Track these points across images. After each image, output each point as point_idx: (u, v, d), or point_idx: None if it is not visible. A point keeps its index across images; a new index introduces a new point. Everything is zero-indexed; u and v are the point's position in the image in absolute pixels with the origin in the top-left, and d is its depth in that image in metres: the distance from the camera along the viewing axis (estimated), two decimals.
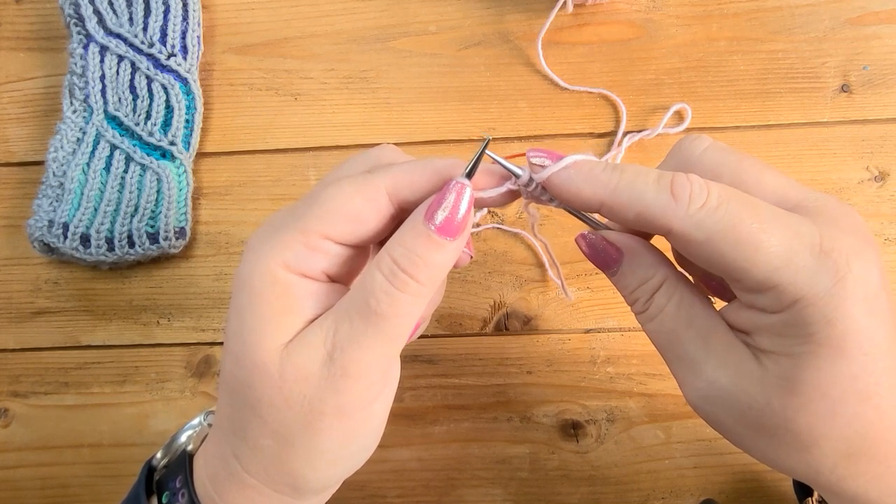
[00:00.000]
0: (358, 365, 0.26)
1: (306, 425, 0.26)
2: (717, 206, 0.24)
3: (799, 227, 0.24)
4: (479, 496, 0.45)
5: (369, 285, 0.26)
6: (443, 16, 0.51)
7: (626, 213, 0.26)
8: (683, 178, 0.25)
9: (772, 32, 0.49)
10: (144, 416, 0.47)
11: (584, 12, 0.50)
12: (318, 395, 0.26)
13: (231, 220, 0.49)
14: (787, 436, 0.25)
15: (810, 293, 0.23)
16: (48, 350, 0.48)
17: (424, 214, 0.26)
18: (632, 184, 0.26)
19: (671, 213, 0.25)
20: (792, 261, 0.24)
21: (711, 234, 0.24)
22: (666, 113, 0.48)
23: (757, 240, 0.24)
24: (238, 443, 0.28)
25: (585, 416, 0.45)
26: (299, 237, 0.26)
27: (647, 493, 0.45)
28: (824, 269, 0.24)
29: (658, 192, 0.25)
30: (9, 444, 0.47)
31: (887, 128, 0.48)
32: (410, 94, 0.50)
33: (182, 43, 0.50)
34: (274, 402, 0.26)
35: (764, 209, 0.25)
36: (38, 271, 0.49)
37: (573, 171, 0.27)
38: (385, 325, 0.26)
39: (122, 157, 0.48)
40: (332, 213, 0.26)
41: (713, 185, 0.25)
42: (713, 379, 0.26)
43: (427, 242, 0.26)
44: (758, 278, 0.24)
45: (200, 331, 0.48)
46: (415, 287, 0.26)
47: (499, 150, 0.49)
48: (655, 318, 0.28)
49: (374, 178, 0.27)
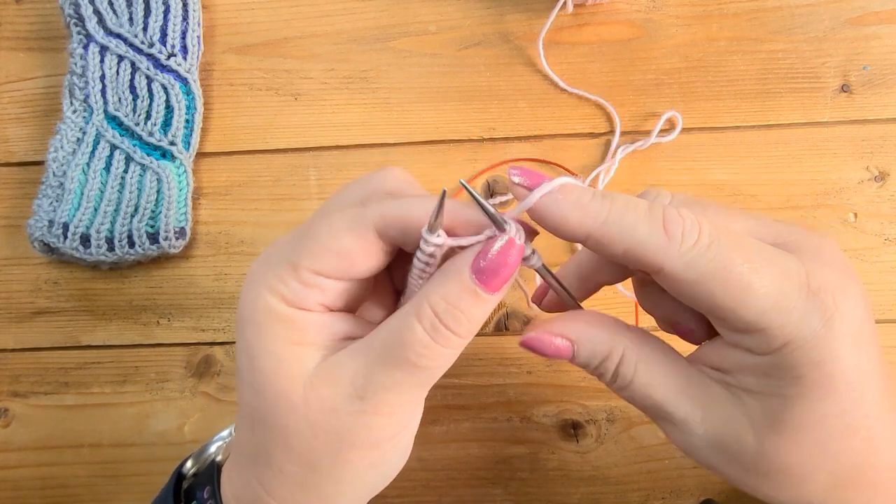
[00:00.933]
0: (390, 406, 0.26)
1: (335, 454, 0.26)
2: (709, 245, 0.24)
3: (787, 264, 0.24)
4: (479, 496, 0.45)
5: (408, 337, 0.25)
6: (443, 16, 0.51)
7: (614, 248, 0.25)
8: (675, 213, 0.24)
9: (772, 32, 0.49)
10: (144, 416, 0.47)
11: (584, 12, 0.50)
12: (347, 428, 0.26)
13: (231, 220, 0.49)
14: (778, 474, 0.25)
15: (799, 336, 0.23)
16: (48, 350, 0.48)
17: (471, 268, 0.25)
18: (622, 217, 0.24)
19: (663, 253, 0.24)
20: (781, 303, 0.23)
21: (702, 274, 0.24)
22: (658, 121, 0.48)
23: (747, 281, 0.23)
24: (262, 469, 0.28)
25: (585, 416, 0.45)
26: (292, 273, 0.26)
27: (647, 493, 0.45)
28: (813, 309, 0.23)
29: (650, 229, 0.24)
30: (9, 444, 0.47)
31: (887, 128, 0.48)
32: (410, 94, 0.50)
33: (182, 43, 0.50)
34: (300, 430, 0.26)
35: (752, 247, 0.24)
36: (38, 271, 0.49)
37: (560, 197, 0.25)
38: (423, 375, 0.26)
39: (122, 157, 0.48)
40: (322, 250, 0.26)
41: (703, 221, 0.24)
42: (700, 432, 0.26)
43: (472, 298, 0.25)
44: (746, 320, 0.24)
45: (200, 331, 0.48)
46: (456, 341, 0.26)
47: (499, 149, 0.49)
48: (626, 388, 0.27)
49: (364, 216, 0.26)
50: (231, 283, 0.48)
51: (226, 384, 0.47)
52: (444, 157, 0.49)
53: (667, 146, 0.48)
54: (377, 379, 0.26)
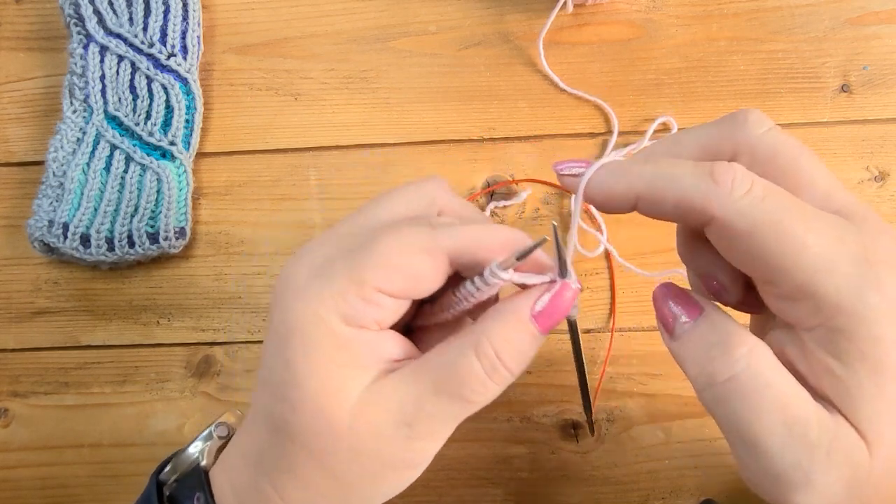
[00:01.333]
0: (437, 434, 0.27)
1: (372, 475, 0.27)
2: (763, 197, 0.23)
3: (844, 232, 0.23)
4: (479, 496, 0.45)
5: (465, 372, 0.25)
6: (443, 16, 0.51)
7: (664, 203, 0.24)
8: (725, 164, 0.24)
9: (772, 32, 0.49)
10: (144, 416, 0.47)
11: (584, 12, 0.50)
12: (390, 451, 0.26)
13: (231, 220, 0.49)
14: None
15: (852, 305, 0.22)
16: (48, 350, 0.48)
17: (532, 311, 0.26)
18: (669, 171, 0.24)
19: (714, 199, 0.23)
20: (836, 266, 0.22)
21: (756, 224, 0.23)
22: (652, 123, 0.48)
23: (801, 238, 0.22)
24: (281, 477, 0.27)
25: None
26: (354, 289, 0.25)
27: (647, 493, 0.45)
28: (869, 282, 0.22)
29: (698, 178, 0.24)
30: (9, 444, 0.47)
31: (887, 128, 0.48)
32: (410, 94, 0.50)
33: (182, 43, 0.50)
34: (339, 454, 0.26)
35: (809, 210, 0.23)
36: (38, 271, 0.49)
37: (603, 171, 0.26)
38: (473, 408, 0.26)
39: (122, 157, 0.48)
40: (393, 269, 0.25)
41: (756, 177, 0.23)
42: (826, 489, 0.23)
43: (531, 340, 0.26)
44: (798, 281, 0.23)
45: (200, 331, 0.48)
46: (509, 379, 0.26)
47: (499, 149, 0.49)
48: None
49: (439, 239, 0.26)
50: (231, 283, 0.48)
51: (226, 384, 0.47)
52: (444, 157, 0.49)
53: None
54: (428, 409, 0.26)
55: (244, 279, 0.48)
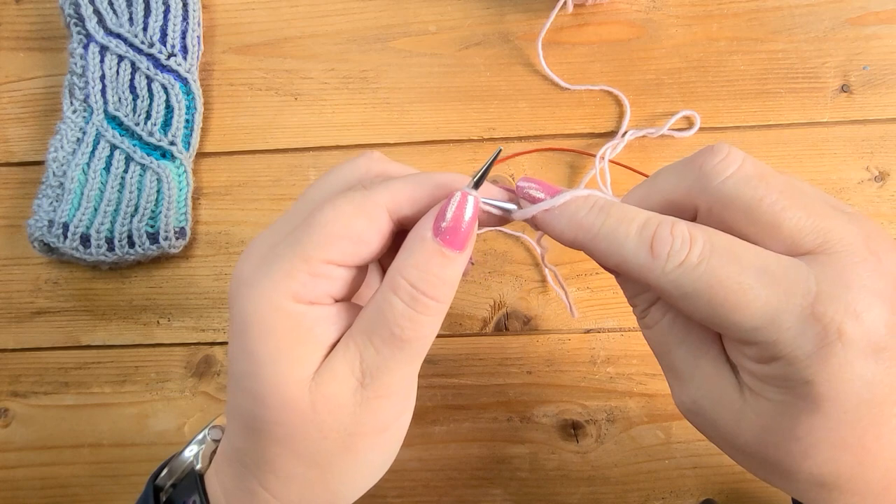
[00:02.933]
0: (390, 387, 0.26)
1: (345, 449, 0.27)
2: (697, 264, 0.24)
3: (793, 284, 0.23)
4: (479, 496, 0.45)
5: (389, 312, 0.25)
6: (443, 16, 0.51)
7: (605, 261, 0.26)
8: (666, 230, 0.24)
9: (772, 32, 0.49)
10: (144, 416, 0.47)
11: (584, 12, 0.50)
12: (356, 419, 0.26)
13: (231, 220, 0.49)
14: (763, 462, 0.25)
15: (791, 355, 0.23)
16: (48, 350, 0.48)
17: (432, 230, 0.25)
18: (613, 233, 0.25)
19: (647, 271, 0.25)
20: (775, 321, 0.23)
21: (687, 293, 0.24)
22: (670, 117, 0.48)
23: (736, 300, 0.23)
24: (265, 475, 0.27)
25: (585, 416, 0.45)
26: (302, 265, 0.25)
27: (647, 493, 0.45)
28: (810, 331, 0.23)
29: (637, 247, 0.25)
30: (9, 444, 0.47)
31: (887, 128, 0.48)
32: (410, 94, 0.50)
33: (182, 43, 0.50)
34: (308, 435, 0.26)
35: (752, 265, 0.24)
36: (38, 271, 0.49)
37: (557, 212, 0.27)
38: (410, 348, 0.26)
39: (122, 157, 0.48)
40: (334, 237, 0.25)
41: (698, 238, 0.24)
42: (695, 398, 0.27)
43: (441, 260, 0.25)
44: (737, 335, 0.24)
45: (200, 331, 0.48)
46: (435, 307, 0.26)
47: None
48: (651, 328, 0.28)
49: (373, 196, 0.26)
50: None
51: (226, 384, 0.47)
52: (444, 157, 0.49)
53: (666, 146, 0.48)
54: (372, 363, 0.26)
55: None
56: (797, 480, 0.25)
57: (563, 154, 0.49)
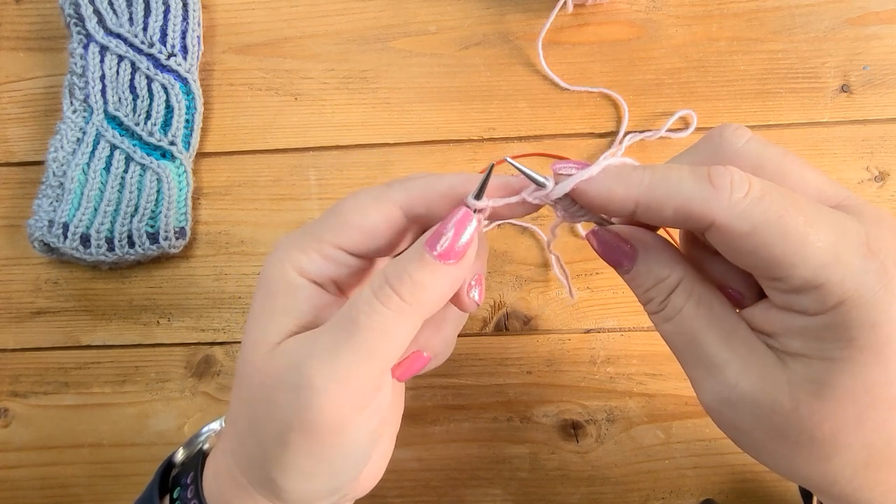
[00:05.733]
0: (325, 378, 0.25)
1: (278, 436, 0.26)
2: (762, 197, 0.23)
3: (845, 224, 0.23)
4: (479, 496, 0.45)
5: (356, 298, 0.26)
6: (443, 16, 0.51)
7: (663, 209, 0.24)
8: (722, 168, 0.24)
9: (772, 32, 0.49)
10: (144, 416, 0.47)
11: (584, 12, 0.50)
12: (289, 405, 0.25)
13: (231, 220, 0.49)
14: (809, 443, 0.24)
15: (856, 294, 0.22)
16: (48, 350, 0.48)
17: (427, 240, 0.26)
18: (666, 177, 0.24)
19: (713, 203, 0.23)
20: (840, 258, 0.22)
21: (757, 224, 0.23)
22: (670, 116, 0.48)
23: (804, 233, 0.22)
24: (236, 446, 0.28)
25: (585, 416, 0.45)
26: (315, 245, 0.27)
27: (647, 493, 0.45)
28: (872, 269, 0.22)
29: (696, 183, 0.24)
30: (9, 444, 0.47)
31: (887, 128, 0.48)
32: (410, 94, 0.50)
33: (182, 43, 0.50)
34: (258, 407, 0.26)
35: (808, 204, 0.23)
36: (38, 271, 0.49)
37: (602, 175, 0.26)
38: (361, 337, 0.25)
39: (122, 157, 0.48)
40: (348, 225, 0.27)
41: (755, 178, 0.24)
42: (735, 383, 0.25)
43: (419, 263, 0.25)
44: (804, 276, 0.23)
45: (200, 331, 0.48)
46: (397, 303, 0.25)
47: (499, 149, 0.49)
48: (672, 319, 0.27)
49: (389, 193, 0.27)
50: (231, 283, 0.48)
51: (226, 384, 0.47)
52: (444, 157, 0.49)
53: (667, 146, 0.48)
54: (321, 343, 0.25)
55: (244, 279, 0.48)
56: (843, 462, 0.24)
57: None
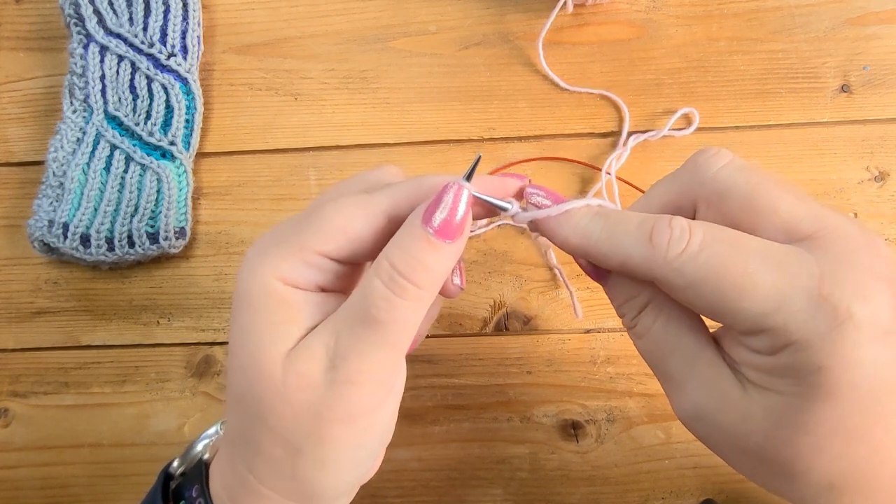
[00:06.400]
0: (361, 372, 0.26)
1: (313, 433, 0.26)
2: (700, 252, 0.24)
3: (797, 267, 0.23)
4: (479, 496, 0.45)
5: (368, 292, 0.25)
6: (443, 16, 0.51)
7: (608, 262, 0.27)
8: (664, 223, 0.25)
9: (772, 32, 0.49)
10: (144, 416, 0.47)
11: (584, 12, 0.50)
12: (323, 402, 0.26)
13: (231, 220, 0.49)
14: (771, 464, 0.25)
15: (803, 339, 0.23)
16: (48, 350, 0.48)
17: (422, 217, 0.26)
18: (612, 234, 0.26)
19: (650, 262, 0.25)
20: (784, 305, 0.23)
21: (692, 280, 0.24)
22: (672, 115, 0.48)
23: (742, 285, 0.23)
24: (251, 456, 0.27)
25: (585, 416, 0.45)
26: (297, 252, 0.26)
27: (647, 493, 0.45)
28: (821, 314, 0.22)
29: (637, 242, 0.25)
30: (9, 444, 0.47)
31: (887, 128, 0.48)
32: (410, 94, 0.50)
33: (182, 43, 0.50)
34: (281, 412, 0.26)
35: (755, 251, 0.24)
36: (38, 271, 0.49)
37: (563, 218, 0.27)
38: (385, 331, 0.25)
39: (122, 157, 0.48)
40: (331, 232, 0.27)
41: (697, 229, 0.24)
42: (697, 403, 0.26)
43: (426, 246, 0.25)
44: (746, 324, 0.24)
45: (200, 331, 0.48)
46: (414, 292, 0.25)
47: (498, 149, 0.49)
48: (643, 337, 0.28)
49: (373, 199, 0.27)
50: (231, 283, 0.48)
51: (226, 384, 0.47)
52: (444, 157, 0.49)
53: (667, 146, 0.48)
54: (344, 340, 0.26)
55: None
56: (806, 483, 0.24)
57: (568, 162, 0.49)
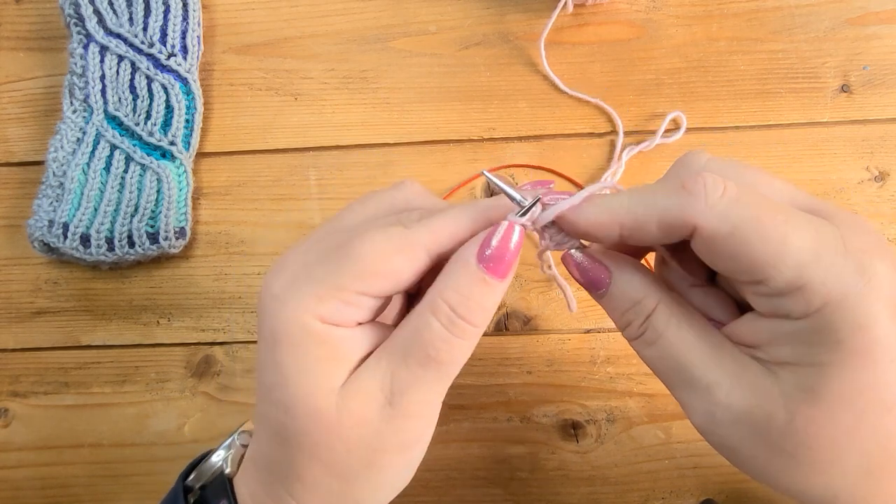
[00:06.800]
0: (419, 407, 0.27)
1: (368, 464, 0.27)
2: (738, 197, 0.23)
3: (820, 225, 0.23)
4: (479, 496, 0.45)
5: (426, 333, 0.26)
6: (443, 16, 0.51)
7: (646, 225, 0.25)
8: (694, 175, 0.24)
9: (772, 32, 0.49)
10: (144, 416, 0.47)
11: (584, 12, 0.50)
12: (379, 436, 0.27)
13: (231, 220, 0.49)
14: (807, 455, 0.24)
15: (840, 296, 0.22)
16: (48, 350, 0.48)
17: (476, 257, 0.25)
18: (643, 196, 0.25)
19: (692, 209, 0.23)
20: (820, 258, 0.22)
21: (737, 224, 0.23)
22: (663, 121, 0.48)
23: (783, 232, 0.22)
24: (293, 484, 0.28)
25: (585, 416, 0.45)
26: (335, 293, 0.26)
27: (647, 493, 0.45)
28: (852, 268, 0.22)
29: (673, 194, 0.24)
30: (9, 444, 0.47)
31: (887, 128, 0.48)
32: (410, 94, 0.50)
33: (182, 43, 0.50)
34: (333, 446, 0.27)
35: (784, 205, 0.24)
36: (38, 271, 0.49)
37: (586, 203, 0.26)
38: (442, 370, 0.26)
39: (122, 157, 0.48)
40: (371, 273, 0.26)
41: (728, 182, 0.24)
42: (727, 402, 0.25)
43: (482, 287, 0.25)
44: (786, 276, 0.23)
45: (200, 331, 0.48)
46: (471, 331, 0.26)
47: (498, 150, 0.49)
48: (655, 343, 0.27)
49: (412, 235, 0.26)
50: (231, 283, 0.48)
51: (226, 384, 0.47)
52: (444, 157, 0.49)
53: (668, 147, 0.48)
54: (403, 381, 0.26)
55: (244, 279, 0.48)
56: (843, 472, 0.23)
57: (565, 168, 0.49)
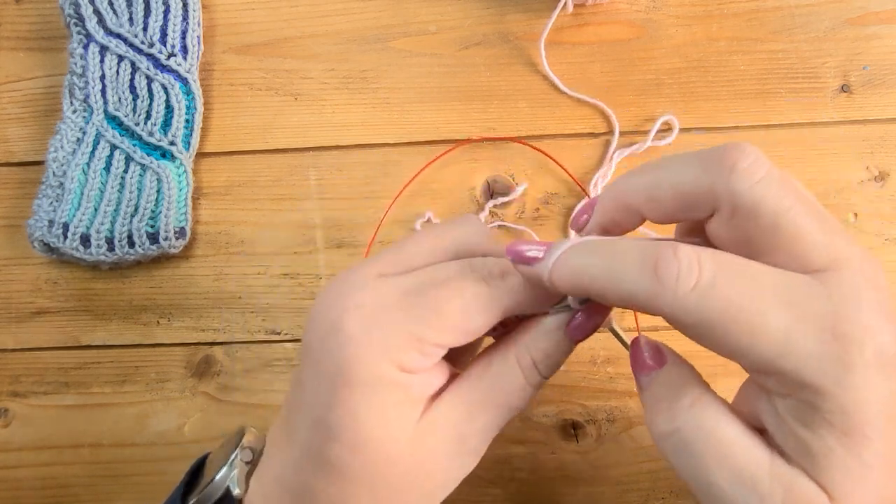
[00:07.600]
0: (483, 445, 0.30)
1: (428, 496, 0.29)
2: (711, 287, 0.22)
3: (809, 306, 0.22)
4: (479, 496, 0.45)
5: (510, 385, 0.29)
6: (443, 16, 0.51)
7: (611, 301, 0.25)
8: (670, 255, 0.23)
9: (772, 32, 0.49)
10: (144, 416, 0.47)
11: (584, 12, 0.50)
12: (444, 472, 0.29)
13: (231, 220, 0.49)
14: None
15: (818, 383, 0.22)
16: (48, 350, 0.48)
17: (572, 333, 0.29)
18: (611, 269, 0.24)
19: (658, 298, 0.23)
20: (794, 347, 0.22)
21: (702, 319, 0.22)
22: (654, 124, 0.48)
23: (752, 324, 0.22)
24: None
25: (585, 416, 0.45)
26: (415, 344, 0.27)
27: (647, 493, 0.45)
28: (831, 356, 0.22)
29: (640, 277, 0.23)
30: (9, 444, 0.47)
31: (887, 128, 0.48)
32: (410, 94, 0.50)
33: (182, 43, 0.50)
34: (399, 484, 0.28)
35: (769, 287, 0.22)
36: (38, 271, 0.49)
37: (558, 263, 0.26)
38: (512, 414, 0.30)
39: (122, 157, 0.48)
40: (452, 328, 0.27)
41: (705, 261, 0.22)
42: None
43: (565, 351, 0.29)
44: (757, 364, 0.23)
45: (200, 331, 0.48)
46: (542, 383, 0.30)
47: (499, 149, 0.49)
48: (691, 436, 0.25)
49: (495, 295, 0.28)
50: (231, 283, 0.48)
51: (226, 384, 0.47)
52: (444, 157, 0.49)
53: (659, 150, 0.48)
54: (477, 422, 0.29)
55: (244, 279, 0.48)
56: None
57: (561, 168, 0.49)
